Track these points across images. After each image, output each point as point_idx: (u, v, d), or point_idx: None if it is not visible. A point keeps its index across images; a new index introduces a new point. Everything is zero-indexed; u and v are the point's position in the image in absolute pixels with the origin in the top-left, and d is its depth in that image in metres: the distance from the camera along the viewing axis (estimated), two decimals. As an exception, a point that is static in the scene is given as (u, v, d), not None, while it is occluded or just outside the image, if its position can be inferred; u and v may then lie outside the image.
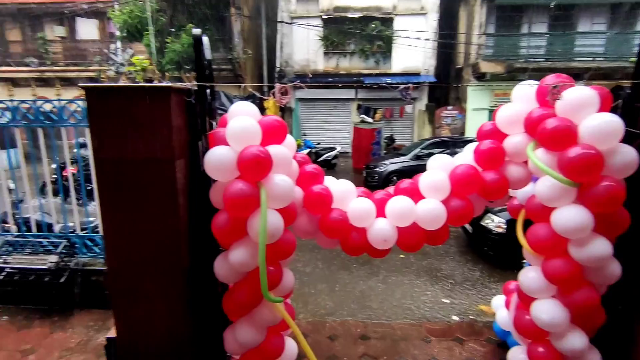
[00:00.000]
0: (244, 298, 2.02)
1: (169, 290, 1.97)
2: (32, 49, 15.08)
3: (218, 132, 2.02)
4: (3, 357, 2.93)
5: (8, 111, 3.44)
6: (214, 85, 2.13)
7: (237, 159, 1.83)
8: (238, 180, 1.82)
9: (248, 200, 1.78)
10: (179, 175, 1.87)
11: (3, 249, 3.50)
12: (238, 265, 1.90)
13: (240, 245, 1.90)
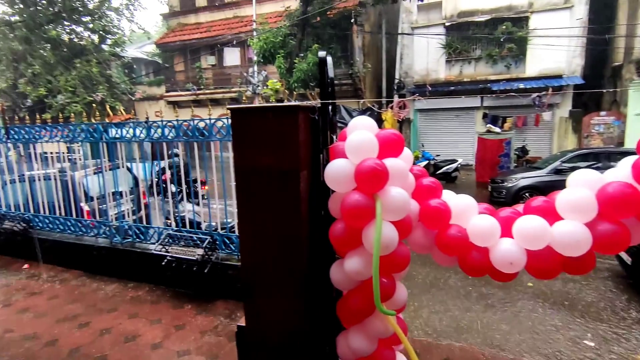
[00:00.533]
0: (357, 306, 2.07)
1: (289, 290, 2.15)
2: (192, 76, 18.25)
3: (338, 145, 2.14)
4: (162, 328, 3.59)
5: (174, 129, 4.25)
6: (336, 102, 2.28)
7: (355, 171, 1.91)
8: (355, 192, 1.90)
9: (364, 211, 1.84)
10: (303, 185, 2.04)
11: (165, 240, 4.30)
12: (352, 274, 1.96)
13: (355, 254, 1.97)
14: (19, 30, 15.27)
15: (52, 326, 3.66)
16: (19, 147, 5.68)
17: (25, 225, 5.32)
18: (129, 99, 18.89)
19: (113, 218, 4.85)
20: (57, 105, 15.14)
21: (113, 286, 4.52)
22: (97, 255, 4.86)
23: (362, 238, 1.91)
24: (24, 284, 4.66)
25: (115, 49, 18.20)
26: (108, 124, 4.78)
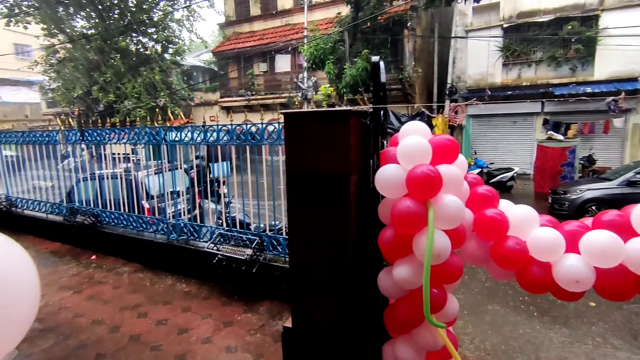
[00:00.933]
0: (405, 316, 2.02)
1: (336, 294, 2.15)
2: (244, 82, 18.99)
3: (389, 150, 2.12)
4: (212, 323, 3.74)
5: (228, 133, 4.44)
6: (387, 107, 2.26)
7: (406, 177, 1.87)
8: (406, 198, 1.86)
9: (415, 219, 1.80)
10: (352, 190, 2.04)
11: (217, 239, 4.49)
12: (401, 282, 1.92)
13: (404, 262, 1.93)
14: (94, 41, 16.82)
15: (115, 313, 3.96)
16: (91, 148, 6.24)
17: (94, 219, 5.82)
18: (187, 104, 20.05)
19: (170, 216, 5.16)
20: (124, 109, 16.44)
21: (168, 280, 4.80)
22: (155, 250, 5.19)
23: (413, 246, 1.87)
24: (91, 274, 5.10)
25: (176, 58, 19.45)
26: (168, 127, 5.11)
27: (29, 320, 0.97)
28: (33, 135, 6.72)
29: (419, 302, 1.86)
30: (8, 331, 0.92)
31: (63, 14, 18.08)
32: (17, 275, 0.95)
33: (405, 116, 10.75)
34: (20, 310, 0.95)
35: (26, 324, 0.97)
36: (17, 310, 0.93)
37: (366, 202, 2.17)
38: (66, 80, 18.17)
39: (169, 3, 19.11)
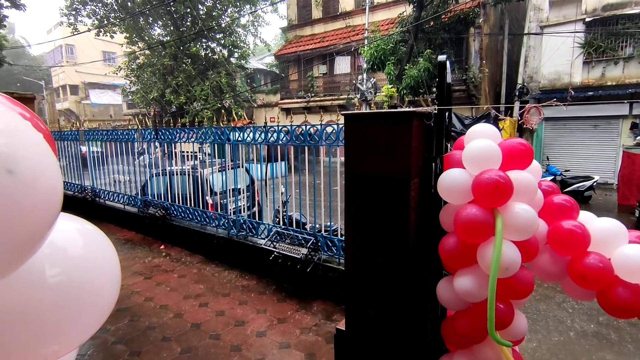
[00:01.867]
0: (465, 330, 1.91)
1: (392, 300, 2.10)
2: (304, 84, 19.37)
3: (453, 154, 2.02)
4: (266, 318, 3.85)
5: (287, 134, 4.55)
6: (452, 108, 2.15)
7: (473, 183, 1.77)
8: (472, 205, 1.75)
9: (481, 227, 1.69)
10: (413, 194, 1.97)
11: (274, 237, 4.61)
12: (462, 293, 1.82)
13: (467, 272, 1.82)
14: (169, 48, 18.23)
15: (180, 301, 4.24)
16: (164, 145, 6.75)
17: (164, 212, 6.29)
18: (250, 106, 20.95)
19: (231, 212, 5.41)
20: (193, 111, 17.61)
21: (228, 273, 5.03)
22: (217, 244, 5.47)
23: (477, 256, 1.76)
24: (160, 262, 5.51)
25: (241, 62, 20.42)
26: (232, 127, 5.36)
27: (112, 303, 1.07)
28: (115, 133, 7.44)
29: (482, 317, 1.75)
30: (96, 313, 1.02)
31: (143, 23, 19.85)
32: (103, 262, 1.05)
33: (469, 118, 10.22)
34: (106, 294, 1.04)
35: (110, 306, 1.06)
36: (103, 294, 1.02)
37: (427, 207, 2.09)
38: (144, 84, 19.91)
39: (236, 10, 20.12)
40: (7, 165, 0.64)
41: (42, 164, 0.71)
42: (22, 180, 0.67)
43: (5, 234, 0.67)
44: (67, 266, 0.87)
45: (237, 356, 3.22)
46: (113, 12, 19.62)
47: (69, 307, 0.94)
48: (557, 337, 3.69)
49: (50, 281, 0.88)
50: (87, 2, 19.01)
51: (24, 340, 0.87)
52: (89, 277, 0.97)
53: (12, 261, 0.71)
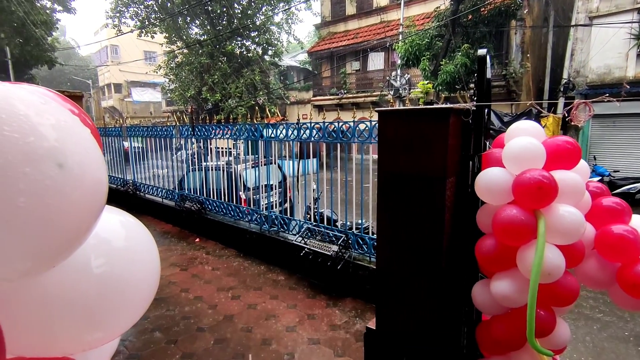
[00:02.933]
0: (501, 335, 1.83)
1: (425, 301, 2.05)
2: (337, 81, 19.32)
3: (492, 152, 1.94)
4: (296, 314, 3.89)
5: (320, 130, 4.55)
6: (491, 105, 2.06)
7: (513, 183, 1.69)
8: (512, 206, 1.68)
9: (522, 229, 1.61)
10: (448, 193, 1.91)
11: (305, 233, 4.64)
12: (500, 298, 1.74)
13: (505, 276, 1.74)
14: (206, 47, 18.75)
15: (213, 293, 4.37)
16: (200, 141, 6.96)
17: (200, 206, 6.49)
18: (282, 103, 21.18)
19: (263, 208, 5.50)
20: (228, 108, 18.03)
21: (259, 267, 5.13)
22: (249, 239, 5.59)
23: (517, 259, 1.68)
24: (195, 254, 5.70)
25: (275, 59, 20.65)
26: (266, 124, 5.44)
27: (152, 295, 1.12)
28: (154, 129, 7.76)
29: (520, 323, 1.67)
30: (137, 303, 1.07)
31: (181, 23, 20.52)
32: (144, 254, 1.09)
33: (509, 115, 9.80)
34: (146, 286, 1.09)
35: (150, 297, 1.11)
36: (144, 285, 1.07)
37: (463, 207, 2.02)
38: (182, 82, 20.60)
39: (270, 8, 20.35)
40: (57, 159, 0.68)
41: (89, 158, 0.74)
42: (70, 173, 0.70)
43: (56, 225, 0.71)
44: (111, 257, 0.92)
45: (267, 349, 3.27)
46: (154, 13, 20.41)
47: (112, 297, 0.99)
48: (598, 343, 3.48)
49: (95, 271, 0.93)
50: (130, 4, 19.89)
51: (71, 326, 0.93)
52: (131, 268, 1.02)
53: (61, 251, 0.75)
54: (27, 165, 0.65)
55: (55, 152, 0.69)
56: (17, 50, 15.34)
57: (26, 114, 0.69)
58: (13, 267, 0.69)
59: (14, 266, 0.69)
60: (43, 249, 0.72)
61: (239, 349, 3.28)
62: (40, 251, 0.72)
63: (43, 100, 0.72)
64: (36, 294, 0.87)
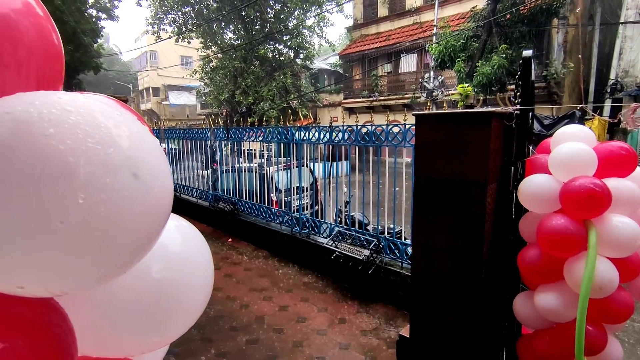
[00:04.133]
0: (547, 351, 1.74)
1: (462, 311, 1.99)
2: (368, 84, 19.21)
3: (537, 158, 1.85)
4: (327, 317, 3.88)
5: (352, 133, 4.54)
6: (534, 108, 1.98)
7: (561, 191, 1.60)
8: (559, 215, 1.60)
9: (570, 240, 1.53)
10: (489, 200, 1.85)
11: (336, 237, 4.63)
12: (545, 312, 1.66)
13: (551, 289, 1.66)
14: (239, 51, 19.20)
15: (246, 293, 4.44)
16: (233, 144, 7.12)
17: (232, 207, 6.63)
18: (313, 106, 21.30)
19: (295, 210, 5.54)
20: (260, 110, 18.36)
21: (290, 269, 5.16)
22: (280, 240, 5.64)
23: (565, 272, 1.59)
24: (228, 254, 5.83)
25: (306, 62, 20.82)
26: (298, 127, 5.48)
27: (206, 300, 1.15)
28: (191, 132, 8.02)
29: (567, 339, 1.58)
30: (192, 308, 1.10)
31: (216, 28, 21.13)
32: (199, 259, 1.13)
33: (549, 118, 9.33)
34: (201, 291, 1.13)
35: (204, 303, 1.14)
36: (198, 290, 1.11)
37: (505, 214, 1.94)
38: (216, 86, 21.19)
39: (302, 12, 20.56)
40: (133, 170, 0.72)
41: (158, 167, 0.78)
42: (144, 183, 0.74)
43: (131, 233, 0.75)
44: (168, 262, 0.96)
45: (298, 352, 3.28)
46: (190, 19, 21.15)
47: (170, 301, 1.03)
48: (655, 368, 3.23)
49: (154, 276, 0.97)
50: (168, 11, 20.72)
51: (132, 329, 0.98)
52: (187, 273, 1.06)
53: (133, 258, 0.79)
54: (107, 176, 0.69)
55: (131, 163, 0.73)
56: (68, 57, 16.31)
57: (106, 125, 0.73)
58: (93, 274, 0.74)
59: (94, 273, 0.74)
60: (119, 256, 0.77)
61: (270, 351, 3.31)
62: (116, 259, 0.77)
63: (119, 112, 0.77)
64: (102, 298, 0.93)
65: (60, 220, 0.66)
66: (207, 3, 20.27)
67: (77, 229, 0.67)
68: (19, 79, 0.87)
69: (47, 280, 0.72)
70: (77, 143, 0.68)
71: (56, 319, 0.86)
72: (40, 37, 0.90)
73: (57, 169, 0.66)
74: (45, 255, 0.67)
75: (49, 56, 0.95)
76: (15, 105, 0.70)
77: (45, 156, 0.66)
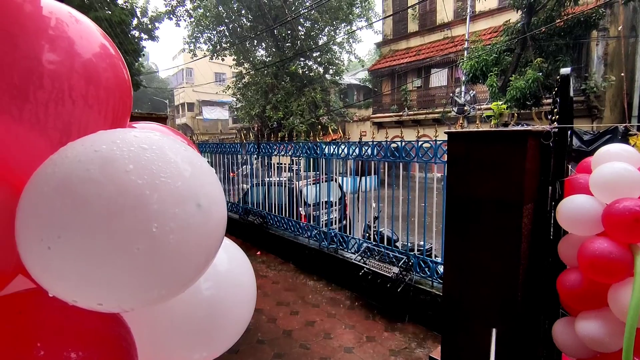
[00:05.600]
0: (591, 382, 1.65)
1: (497, 336, 1.91)
2: (397, 98, 19.16)
3: (577, 178, 1.79)
4: (354, 334, 3.83)
5: (382, 149, 4.54)
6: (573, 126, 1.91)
7: (604, 213, 1.54)
8: (602, 239, 1.53)
9: (615, 265, 1.46)
10: (525, 220, 1.79)
11: (364, 253, 4.59)
12: (587, 340, 1.58)
13: (594, 316, 1.58)
14: (271, 67, 19.74)
15: (273, 306, 4.47)
16: (263, 157, 7.27)
17: (262, 220, 6.73)
18: (342, 120, 21.44)
19: (323, 224, 5.55)
20: (289, 125, 18.68)
21: (318, 284, 5.15)
22: (308, 255, 5.65)
23: (609, 298, 1.51)
24: (256, 267, 5.89)
25: (336, 78, 21.08)
26: (327, 142, 5.54)
27: (249, 317, 1.20)
28: (223, 146, 8.27)
29: (613, 370, 1.49)
30: (237, 325, 1.15)
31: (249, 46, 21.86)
32: (243, 277, 1.19)
33: (589, 133, 8.92)
34: (245, 309, 1.18)
35: (248, 320, 1.20)
36: (243, 307, 1.16)
37: (542, 236, 1.88)
38: (248, 101, 21.79)
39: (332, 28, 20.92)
40: (197, 200, 0.82)
41: (216, 196, 0.87)
42: (205, 212, 0.83)
43: (192, 258, 0.84)
44: (216, 280, 1.04)
45: (325, 369, 3.25)
46: (225, 37, 22.01)
47: (218, 318, 1.10)
48: None
49: (205, 293, 1.05)
50: (204, 30, 21.67)
51: (183, 344, 1.05)
52: (233, 291, 1.12)
53: (192, 279, 0.89)
54: (176, 207, 0.78)
55: (194, 194, 0.82)
56: (110, 75, 17.33)
57: (175, 160, 0.83)
58: (159, 294, 0.82)
59: (160, 292, 0.82)
60: (182, 278, 0.86)
61: (297, 366, 3.30)
62: (180, 280, 0.86)
63: (184, 147, 0.84)
64: (157, 314, 1.00)
65: (137, 247, 0.74)
66: (241, 22, 21.06)
67: (150, 255, 0.76)
68: (99, 117, 0.98)
69: (122, 298, 0.80)
70: (152, 177, 0.76)
71: (123, 333, 0.96)
72: (115, 76, 1.01)
73: (136, 201, 0.75)
74: (123, 277, 0.76)
75: (122, 93, 1.05)
76: (101, 144, 0.80)
77: (126, 190, 0.74)
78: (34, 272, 0.79)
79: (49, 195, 0.75)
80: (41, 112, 0.88)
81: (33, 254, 0.76)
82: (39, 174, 0.81)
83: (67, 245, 0.72)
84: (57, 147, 0.86)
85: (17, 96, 0.84)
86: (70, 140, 0.86)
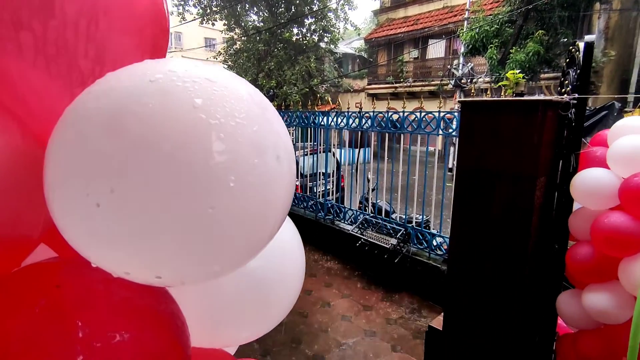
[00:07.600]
0: (593, 353, 1.68)
1: (500, 309, 1.93)
2: (393, 69, 18.80)
3: (593, 151, 1.75)
4: (351, 304, 3.89)
5: (370, 119, 4.48)
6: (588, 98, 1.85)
7: (621, 187, 1.51)
8: (618, 212, 1.51)
9: (630, 239, 1.45)
10: (538, 193, 1.76)
11: (361, 224, 4.60)
12: (595, 313, 1.59)
13: (602, 289, 1.59)
14: (263, 34, 19.05)
15: (269, 276, 4.50)
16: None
17: (256, 190, 6.67)
18: (336, 91, 21.06)
19: (320, 195, 5.52)
20: (282, 94, 18.28)
21: (314, 255, 5.19)
22: (304, 226, 5.65)
23: (620, 272, 1.51)
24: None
25: (330, 46, 20.50)
26: (323, 112, 5.41)
27: (297, 293, 1.10)
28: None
29: (618, 342, 1.52)
30: (285, 302, 1.06)
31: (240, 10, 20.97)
32: (293, 248, 1.07)
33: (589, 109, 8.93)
34: (294, 284, 1.08)
35: (296, 296, 1.10)
36: (292, 282, 1.06)
37: (553, 209, 1.85)
38: (240, 68, 21.14)
39: (328, -7, 20.13)
40: (276, 151, 0.66)
41: (289, 151, 0.72)
42: (283, 166, 0.68)
43: (271, 220, 0.70)
44: (267, 254, 0.88)
45: (324, 337, 3.31)
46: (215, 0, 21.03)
47: (267, 293, 0.98)
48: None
49: (254, 268, 0.92)
50: (193, -8, 20.66)
51: (232, 321, 0.96)
52: (282, 262, 1.00)
53: (264, 244, 0.74)
54: (256, 157, 0.62)
55: (273, 143, 0.67)
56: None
57: (248, 99, 0.66)
58: (231, 263, 0.69)
59: (232, 262, 0.69)
60: (258, 244, 0.71)
61: (295, 335, 3.35)
62: (256, 246, 0.71)
63: (253, 90, 0.71)
64: (206, 290, 0.89)
65: (211, 206, 0.58)
66: (233, -16, 20.11)
67: (226, 215, 0.60)
68: (138, 45, 0.82)
69: (186, 270, 0.66)
70: (226, 118, 0.60)
71: (176, 310, 0.83)
72: (153, 2, 0.86)
73: (210, 147, 0.58)
74: (191, 245, 0.61)
75: (160, 20, 0.90)
76: (156, 73, 0.63)
77: (198, 132, 0.58)
78: (74, 237, 0.63)
79: (95, 136, 0.58)
80: (70, 32, 0.68)
81: (74, 214, 0.60)
82: (75, 109, 0.63)
83: (123, 202, 0.56)
84: (89, 80, 0.69)
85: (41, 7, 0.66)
86: (106, 72, 0.68)
